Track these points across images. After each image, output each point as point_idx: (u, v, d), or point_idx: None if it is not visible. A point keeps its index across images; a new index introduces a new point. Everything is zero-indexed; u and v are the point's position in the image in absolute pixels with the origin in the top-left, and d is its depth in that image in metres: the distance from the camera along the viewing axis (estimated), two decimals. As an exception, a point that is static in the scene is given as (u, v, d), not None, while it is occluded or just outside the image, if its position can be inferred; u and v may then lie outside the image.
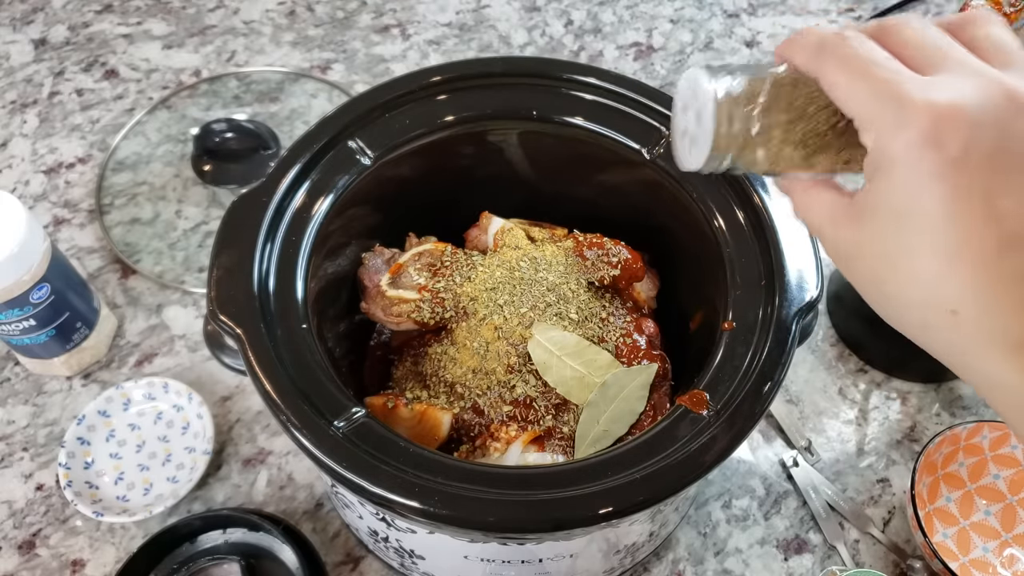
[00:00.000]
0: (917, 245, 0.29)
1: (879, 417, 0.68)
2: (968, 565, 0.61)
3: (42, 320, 0.62)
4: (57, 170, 0.81)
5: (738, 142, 0.33)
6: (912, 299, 0.31)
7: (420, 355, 0.55)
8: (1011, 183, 0.28)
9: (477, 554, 0.47)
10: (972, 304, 0.29)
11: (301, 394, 0.43)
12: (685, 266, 0.58)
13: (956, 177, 0.28)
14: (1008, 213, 0.28)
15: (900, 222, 0.30)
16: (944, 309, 0.30)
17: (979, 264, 0.28)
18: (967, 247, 0.28)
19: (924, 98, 0.28)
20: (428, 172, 0.57)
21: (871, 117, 0.30)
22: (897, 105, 0.29)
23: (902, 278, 0.30)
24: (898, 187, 0.29)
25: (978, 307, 0.29)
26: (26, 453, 0.65)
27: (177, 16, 0.94)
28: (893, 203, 0.30)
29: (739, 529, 0.63)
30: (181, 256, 0.75)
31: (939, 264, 0.29)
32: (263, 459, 0.65)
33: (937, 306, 0.30)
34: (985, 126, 0.28)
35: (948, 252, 0.29)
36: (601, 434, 0.50)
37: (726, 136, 0.33)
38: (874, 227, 0.31)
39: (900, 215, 0.30)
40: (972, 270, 0.29)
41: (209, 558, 0.57)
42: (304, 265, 0.49)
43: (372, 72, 0.90)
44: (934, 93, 0.29)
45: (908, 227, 0.29)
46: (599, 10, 0.97)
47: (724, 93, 0.33)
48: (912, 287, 0.30)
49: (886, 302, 0.32)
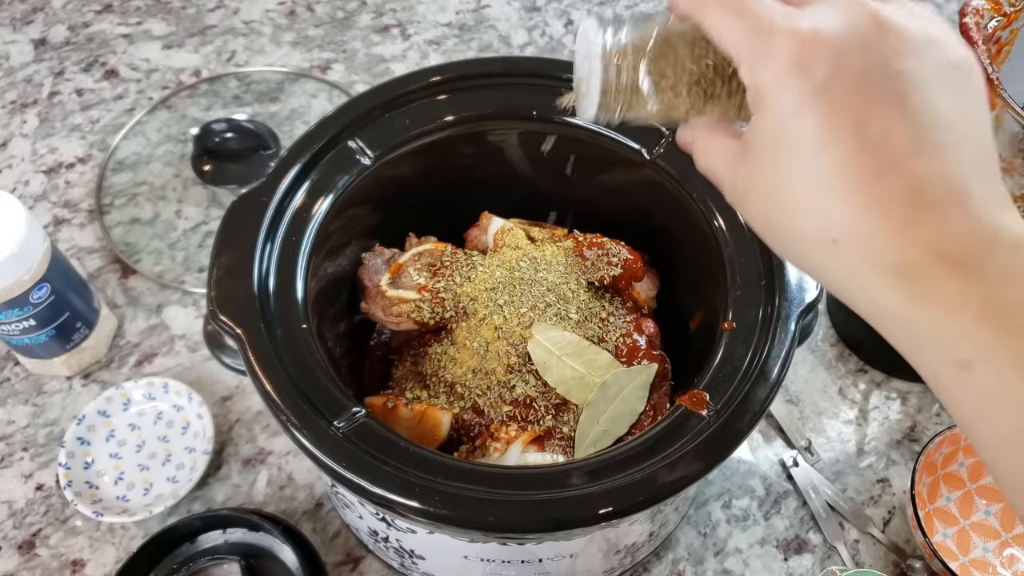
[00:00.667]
0: (795, 175, 0.29)
1: (879, 417, 0.68)
2: (968, 565, 0.61)
3: (42, 320, 0.62)
4: (57, 170, 0.81)
5: (626, 93, 0.33)
6: (797, 230, 0.31)
7: (420, 355, 0.55)
8: (880, 107, 0.28)
9: (477, 554, 0.47)
10: (850, 232, 0.29)
11: (301, 394, 0.43)
12: (685, 266, 0.58)
13: (825, 104, 0.28)
14: (879, 138, 0.28)
15: (778, 153, 0.30)
16: (826, 238, 0.30)
17: (854, 191, 0.28)
18: (841, 175, 0.28)
19: (789, 25, 0.29)
20: (428, 172, 0.57)
21: (743, 52, 0.30)
22: (765, 36, 0.29)
23: (786, 209, 0.30)
24: (772, 118, 0.29)
25: (856, 234, 0.29)
26: (26, 453, 0.65)
27: (177, 16, 0.94)
28: (770, 135, 0.30)
29: (739, 529, 0.63)
30: (181, 256, 0.75)
31: (817, 193, 0.29)
32: (263, 459, 0.65)
33: (819, 236, 0.30)
34: (850, 50, 0.28)
35: (824, 181, 0.29)
36: (601, 434, 0.50)
37: (614, 86, 0.33)
38: (758, 161, 0.31)
39: (777, 146, 0.30)
40: (848, 197, 0.28)
41: (209, 558, 0.57)
42: (304, 265, 0.49)
43: (372, 72, 0.90)
44: (799, 21, 0.29)
45: (785, 157, 0.30)
46: (599, 10, 0.97)
47: (612, 44, 0.33)
48: (795, 218, 0.30)
49: (777, 236, 0.32)
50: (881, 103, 0.28)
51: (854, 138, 0.28)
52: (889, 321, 0.30)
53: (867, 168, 0.28)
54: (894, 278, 0.29)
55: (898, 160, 0.28)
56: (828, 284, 0.32)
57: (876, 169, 0.28)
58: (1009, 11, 0.60)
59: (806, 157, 0.29)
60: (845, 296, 0.31)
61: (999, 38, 0.62)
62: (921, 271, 0.28)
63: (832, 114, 0.28)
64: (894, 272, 0.29)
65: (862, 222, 0.29)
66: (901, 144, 0.28)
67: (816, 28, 0.28)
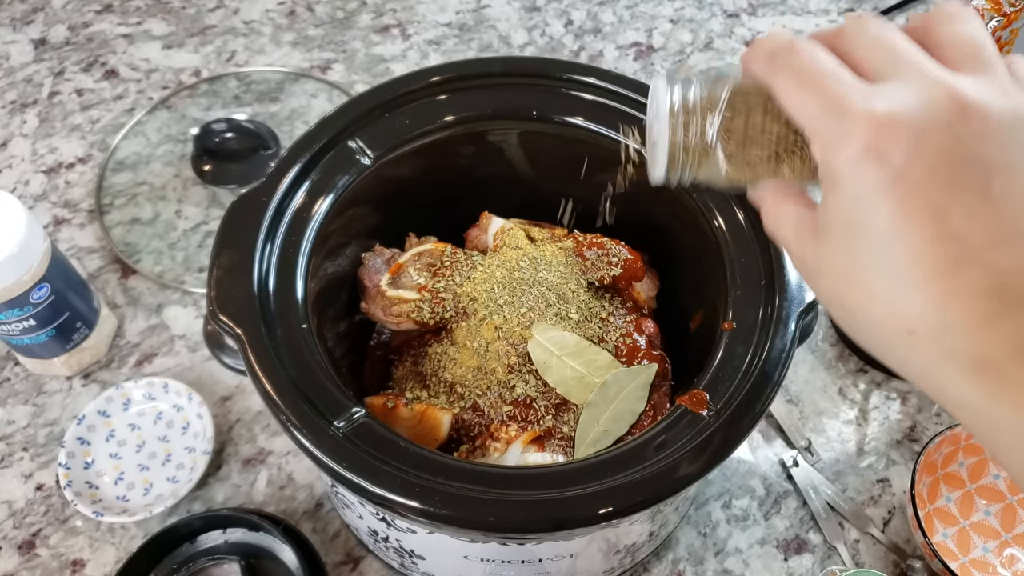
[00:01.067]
0: (869, 263, 0.28)
1: (879, 417, 0.68)
2: (968, 565, 0.61)
3: (42, 320, 0.62)
4: (57, 170, 0.81)
5: (695, 152, 0.32)
6: (871, 317, 0.30)
7: (420, 355, 0.55)
8: (959, 194, 0.27)
9: (477, 554, 0.47)
10: (928, 324, 0.28)
11: (301, 394, 0.43)
12: (685, 266, 0.58)
13: (900, 191, 0.27)
14: (958, 228, 0.27)
15: (851, 239, 0.29)
16: (901, 328, 0.28)
17: (931, 283, 0.27)
18: (918, 265, 0.27)
19: (865, 108, 0.27)
20: (428, 172, 0.57)
21: (817, 130, 0.28)
22: (839, 117, 0.28)
23: (858, 296, 0.29)
24: (845, 203, 0.28)
25: (934, 327, 0.28)
26: (26, 453, 0.65)
27: (177, 16, 0.94)
28: (843, 219, 0.29)
29: (739, 529, 0.63)
30: (181, 256, 0.75)
31: (892, 283, 0.28)
32: (263, 459, 0.65)
33: (894, 325, 0.29)
34: (928, 133, 0.27)
35: (899, 270, 0.28)
36: (601, 434, 0.50)
37: (682, 145, 0.32)
38: (830, 243, 0.30)
39: (850, 232, 0.29)
40: (924, 289, 0.27)
41: (209, 558, 0.57)
42: (304, 265, 0.49)
43: (372, 72, 0.90)
44: (876, 102, 0.27)
45: (859, 244, 0.28)
46: (599, 10, 0.97)
47: (680, 101, 0.32)
48: (869, 305, 0.29)
49: (850, 320, 0.31)
50: (961, 190, 0.27)
51: (932, 227, 0.27)
52: (972, 415, 0.29)
53: (945, 259, 0.27)
54: (974, 373, 0.27)
55: (979, 251, 0.27)
56: (905, 374, 0.31)
57: (955, 260, 0.27)
58: (1009, 11, 0.60)
59: (880, 245, 0.28)
60: (922, 387, 0.30)
61: (999, 38, 0.62)
62: (1004, 367, 0.27)
63: (908, 202, 0.27)
64: (974, 367, 0.27)
65: (940, 315, 0.27)
66: (983, 234, 0.27)
67: (892, 110, 0.27)
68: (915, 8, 0.97)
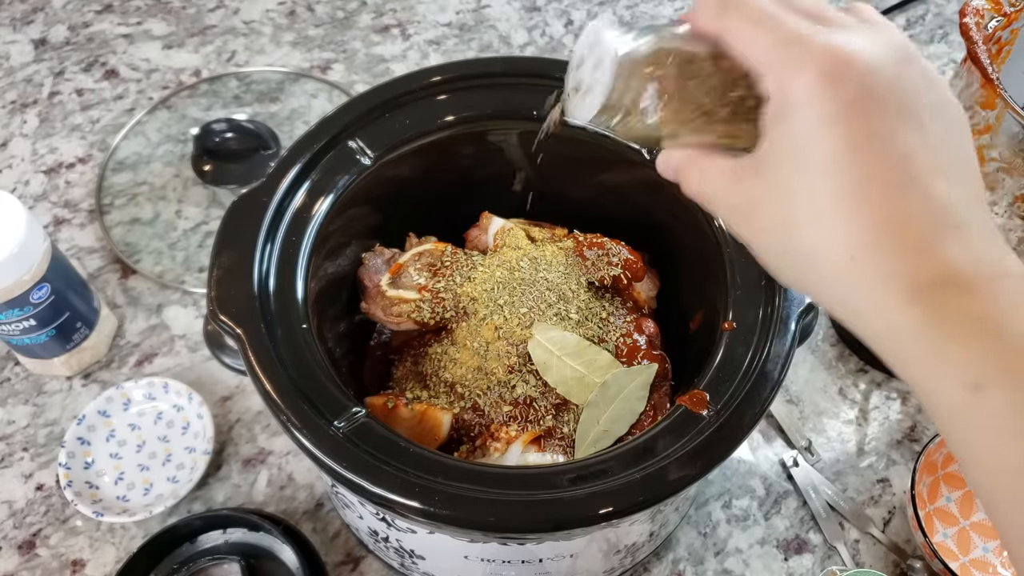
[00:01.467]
0: (818, 187, 0.29)
1: (879, 417, 0.68)
2: (968, 565, 0.61)
3: (42, 320, 0.62)
4: (57, 170, 0.81)
5: (630, 103, 0.33)
6: (811, 247, 0.30)
7: (420, 355, 0.55)
8: (906, 125, 0.29)
9: (477, 554, 0.47)
10: (871, 247, 0.29)
11: (301, 394, 0.43)
12: (685, 266, 0.58)
13: (854, 119, 0.28)
14: (904, 155, 0.29)
15: (799, 165, 0.30)
16: (843, 255, 0.29)
17: (878, 205, 0.28)
18: (867, 188, 0.29)
19: (824, 40, 0.29)
20: (428, 172, 0.57)
21: (771, 63, 0.30)
22: (798, 47, 0.29)
23: (802, 222, 0.30)
24: (797, 129, 0.29)
25: (877, 250, 0.29)
26: (26, 453, 0.65)
27: (177, 16, 0.94)
28: (793, 146, 0.30)
29: (739, 529, 0.63)
30: (181, 256, 0.75)
31: (839, 205, 0.29)
32: (263, 459, 0.65)
33: (836, 252, 0.29)
34: (880, 71, 0.29)
35: (848, 193, 0.29)
36: (601, 434, 0.50)
37: (621, 94, 0.32)
38: (774, 175, 0.31)
39: (799, 158, 0.30)
40: (871, 211, 0.29)
41: (209, 558, 0.57)
42: (304, 265, 0.49)
43: (372, 72, 0.90)
44: (833, 38, 0.29)
45: (808, 169, 0.29)
46: (599, 10, 0.97)
47: (626, 52, 0.32)
48: (812, 233, 0.30)
49: (784, 256, 0.32)
50: (905, 123, 0.29)
51: (881, 152, 0.28)
52: (898, 343, 0.30)
53: (893, 182, 0.28)
54: (910, 297, 0.28)
55: (922, 178, 0.29)
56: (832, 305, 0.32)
57: (901, 183, 0.28)
58: (1009, 11, 0.60)
59: (831, 169, 0.29)
60: (851, 317, 0.31)
61: (999, 38, 0.62)
62: (937, 291, 0.28)
63: (859, 128, 0.28)
64: (910, 290, 0.28)
65: (884, 237, 0.28)
66: (924, 163, 0.29)
67: (851, 44, 0.29)
68: (914, 8, 0.97)
